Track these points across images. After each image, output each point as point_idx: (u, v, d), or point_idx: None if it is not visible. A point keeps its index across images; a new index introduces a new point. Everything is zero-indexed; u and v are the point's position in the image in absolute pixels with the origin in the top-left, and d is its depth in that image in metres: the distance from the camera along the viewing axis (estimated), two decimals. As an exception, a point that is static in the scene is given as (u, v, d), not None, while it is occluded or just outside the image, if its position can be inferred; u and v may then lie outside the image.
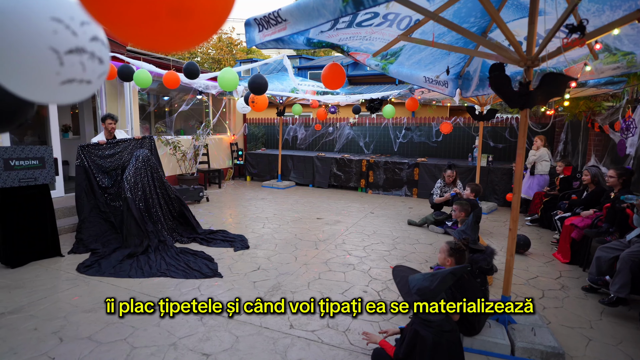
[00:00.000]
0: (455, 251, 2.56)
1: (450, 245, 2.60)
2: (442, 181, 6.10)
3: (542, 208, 5.89)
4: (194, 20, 0.64)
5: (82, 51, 0.82)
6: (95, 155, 4.98)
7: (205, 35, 0.71)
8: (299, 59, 22.27)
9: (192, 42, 0.70)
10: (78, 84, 0.84)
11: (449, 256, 2.57)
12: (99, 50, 0.86)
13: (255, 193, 8.67)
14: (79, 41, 0.81)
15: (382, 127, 10.25)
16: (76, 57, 0.81)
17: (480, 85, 4.73)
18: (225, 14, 0.70)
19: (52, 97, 0.85)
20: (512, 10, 3.24)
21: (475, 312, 2.56)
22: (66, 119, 8.80)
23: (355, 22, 2.97)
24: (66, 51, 0.79)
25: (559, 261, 4.45)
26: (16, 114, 1.13)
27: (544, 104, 2.72)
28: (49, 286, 3.54)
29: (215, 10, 0.67)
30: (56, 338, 2.69)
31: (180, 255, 4.27)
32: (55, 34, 0.77)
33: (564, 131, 7.88)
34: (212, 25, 0.69)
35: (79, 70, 0.83)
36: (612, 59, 3.02)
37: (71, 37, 0.80)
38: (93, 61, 0.85)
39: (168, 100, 9.11)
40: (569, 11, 2.18)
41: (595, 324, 3.02)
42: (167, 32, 0.65)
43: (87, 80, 0.86)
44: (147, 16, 0.61)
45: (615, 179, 4.12)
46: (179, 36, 0.67)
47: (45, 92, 0.82)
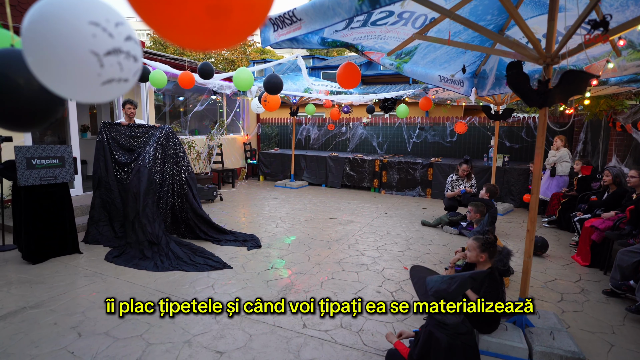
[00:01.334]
0: (488, 244, 2.52)
1: (481, 240, 2.56)
2: (455, 175, 6.02)
3: (560, 209, 5.75)
4: (232, 19, 0.65)
5: (118, 51, 0.84)
6: (116, 132, 5.05)
7: (244, 34, 0.71)
8: (312, 59, 22.31)
9: (230, 40, 0.71)
10: (117, 83, 0.86)
11: (482, 252, 2.53)
12: (133, 49, 0.88)
13: (268, 193, 8.71)
14: (115, 42, 0.83)
15: (396, 127, 10.18)
16: (114, 58, 0.84)
17: (496, 84, 4.64)
18: (263, 13, 0.70)
19: (94, 97, 0.88)
20: (531, 7, 3.17)
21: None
22: (85, 119, 9.01)
23: (370, 21, 2.95)
24: (105, 53, 0.82)
25: (578, 264, 4.34)
26: (49, 112, 1.17)
27: (563, 102, 2.65)
28: (68, 282, 3.62)
29: (253, 9, 0.67)
30: (75, 333, 2.75)
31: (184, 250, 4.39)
32: (94, 38, 0.80)
33: (584, 130, 7.67)
34: (250, 23, 0.70)
35: (117, 70, 0.85)
36: (636, 56, 2.92)
37: (108, 39, 0.82)
38: (129, 60, 0.87)
39: (183, 100, 9.24)
40: (592, 6, 2.12)
41: (617, 329, 2.93)
42: (206, 30, 0.66)
43: (125, 79, 0.88)
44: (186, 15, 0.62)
45: (637, 179, 3.99)
46: (218, 35, 0.67)
47: (88, 92, 0.85)
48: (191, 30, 0.67)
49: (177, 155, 4.99)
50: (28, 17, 0.80)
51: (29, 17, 0.80)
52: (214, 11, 0.63)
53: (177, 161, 4.98)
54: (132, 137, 5.08)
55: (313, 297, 3.35)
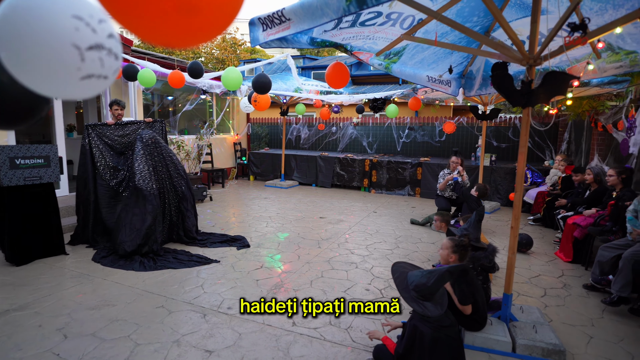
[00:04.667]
0: (460, 247, 2.56)
1: (455, 241, 2.60)
2: (447, 170, 6.10)
3: (545, 207, 5.88)
4: (201, 17, 0.66)
5: (101, 47, 0.84)
6: (103, 134, 4.79)
7: (213, 32, 0.73)
8: (302, 58, 22.29)
9: (200, 38, 0.72)
10: (96, 79, 0.86)
11: (453, 252, 2.58)
12: (115, 47, 0.89)
13: (259, 192, 8.70)
14: (98, 38, 0.84)
15: (386, 127, 10.26)
16: (96, 53, 0.84)
17: (483, 85, 4.73)
18: (233, 13, 0.72)
19: (71, 93, 0.88)
20: (515, 10, 3.24)
21: (484, 308, 2.59)
22: (71, 119, 8.87)
23: (358, 22, 2.98)
24: (87, 47, 0.82)
25: (561, 260, 4.45)
26: (34, 110, 1.16)
27: (546, 102, 2.72)
28: (53, 284, 3.58)
29: (222, 9, 0.69)
30: (60, 335, 2.72)
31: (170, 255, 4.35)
32: (77, 31, 0.80)
33: (567, 130, 7.85)
34: (219, 23, 0.71)
35: (98, 65, 0.85)
36: (615, 58, 3.01)
37: (91, 34, 0.82)
38: (110, 57, 0.87)
39: (172, 99, 9.16)
40: (571, 10, 2.18)
41: (596, 322, 3.02)
42: (175, 28, 0.67)
43: (105, 76, 0.88)
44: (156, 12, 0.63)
45: (616, 177, 4.11)
46: (187, 32, 0.69)
47: (65, 87, 0.85)
48: (160, 27, 0.68)
49: (167, 165, 4.80)
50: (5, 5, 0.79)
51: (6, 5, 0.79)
52: (183, 9, 0.64)
53: (172, 171, 4.82)
54: (121, 137, 4.85)
55: (311, 297, 3.37)
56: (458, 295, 2.48)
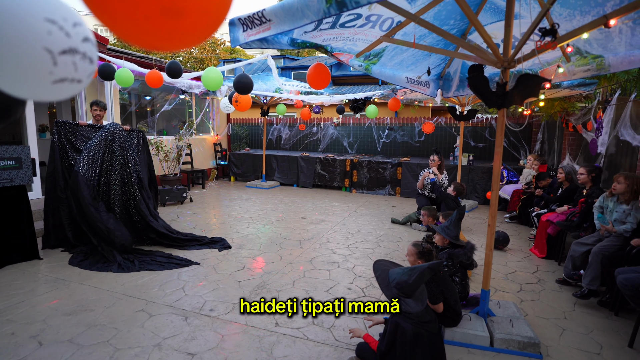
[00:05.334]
0: (424, 254, 2.63)
1: (418, 248, 2.66)
2: (428, 169, 6.23)
3: (520, 205, 6.08)
4: (187, 21, 0.67)
5: (74, 52, 0.83)
6: (72, 133, 4.61)
7: (200, 36, 0.73)
8: (282, 59, 22.24)
9: (186, 42, 0.73)
10: (69, 83, 0.85)
11: (419, 258, 2.64)
12: (89, 51, 0.88)
13: (240, 193, 8.63)
14: (72, 42, 0.83)
15: (366, 127, 10.36)
16: (69, 58, 0.83)
17: (460, 86, 4.84)
18: (220, 16, 0.72)
19: (43, 95, 0.86)
20: (490, 14, 3.34)
21: (456, 305, 2.65)
22: (43, 119, 8.56)
23: (338, 23, 3.01)
24: (60, 52, 0.81)
25: (535, 256, 4.61)
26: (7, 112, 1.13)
27: (520, 104, 2.82)
28: (26, 289, 3.45)
29: (208, 12, 0.69)
30: (35, 342, 2.63)
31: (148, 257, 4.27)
32: (50, 35, 0.79)
33: (541, 131, 8.15)
34: (206, 26, 0.72)
35: (71, 69, 0.84)
36: (583, 62, 3.15)
37: (64, 38, 0.81)
38: (84, 61, 0.86)
39: (150, 99, 8.97)
40: (541, 16, 2.28)
41: (569, 315, 3.16)
42: (161, 31, 0.67)
43: (78, 80, 0.87)
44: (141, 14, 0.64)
45: (586, 176, 4.30)
46: (174, 36, 0.69)
47: (37, 90, 0.84)
48: (147, 30, 0.69)
49: (127, 158, 4.59)
50: None
51: None
52: (169, 12, 0.65)
53: (125, 165, 4.59)
54: (90, 139, 4.64)
55: (296, 297, 3.38)
56: (427, 295, 2.54)
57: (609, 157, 5.11)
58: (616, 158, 4.98)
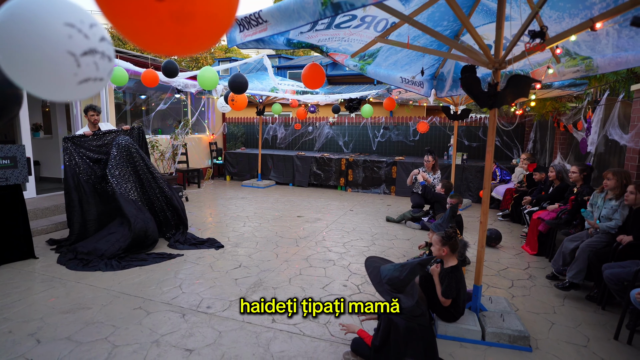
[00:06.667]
0: (448, 239, 2.69)
1: (441, 235, 2.72)
2: (422, 168, 6.32)
3: (513, 203, 6.17)
4: (196, 25, 0.71)
5: (94, 52, 0.88)
6: (83, 147, 4.73)
7: (209, 40, 0.77)
8: (278, 58, 22.23)
9: (196, 46, 0.77)
10: (93, 82, 0.90)
11: (443, 245, 2.70)
12: (107, 49, 0.92)
13: (235, 192, 8.65)
14: (91, 43, 0.87)
15: (361, 127, 10.42)
16: (90, 58, 0.87)
17: (453, 86, 4.92)
18: (227, 21, 0.77)
19: (70, 96, 0.91)
20: (482, 15, 3.41)
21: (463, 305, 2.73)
22: (37, 118, 8.50)
23: (334, 24, 3.06)
24: (81, 53, 0.85)
25: (527, 253, 4.70)
26: (3, 111, 1.16)
27: (511, 104, 2.89)
28: (23, 288, 3.46)
29: (216, 16, 0.73)
30: (33, 340, 2.65)
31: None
32: (70, 39, 0.83)
33: (533, 130, 8.26)
34: (214, 31, 0.76)
35: (94, 69, 0.89)
36: (572, 63, 3.23)
37: (84, 40, 0.86)
38: (104, 60, 0.91)
39: (145, 98, 8.96)
40: (531, 18, 2.34)
41: (558, 309, 3.24)
42: (171, 36, 0.71)
43: (100, 78, 0.92)
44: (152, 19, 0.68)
45: (578, 174, 4.40)
46: (183, 41, 0.73)
47: (64, 91, 0.88)
48: (156, 35, 0.73)
49: (149, 168, 4.89)
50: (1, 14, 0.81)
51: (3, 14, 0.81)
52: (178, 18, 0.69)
53: (152, 175, 4.89)
54: (100, 147, 4.85)
55: (311, 297, 3.42)
56: (444, 288, 2.61)
57: (599, 156, 5.22)
58: (605, 157, 5.08)
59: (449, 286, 2.62)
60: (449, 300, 2.66)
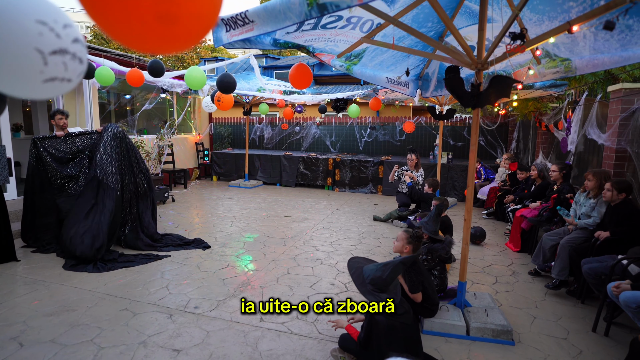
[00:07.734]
0: (415, 239, 2.72)
1: (409, 233, 2.76)
2: (406, 167, 6.41)
3: (496, 202, 6.31)
4: (180, 25, 0.72)
5: (65, 52, 0.87)
6: (53, 147, 4.57)
7: (192, 40, 0.79)
8: (265, 58, 22.15)
9: (179, 46, 0.78)
10: (59, 82, 0.89)
11: (408, 243, 2.73)
12: (79, 51, 0.92)
13: (222, 193, 8.60)
14: (62, 43, 0.87)
15: (348, 127, 10.48)
16: (59, 58, 0.87)
17: (438, 86, 5.00)
18: (210, 22, 0.78)
19: (34, 94, 0.90)
20: (465, 17, 3.48)
21: (434, 295, 2.77)
22: (17, 117, 8.29)
23: (320, 24, 3.08)
24: (50, 52, 0.85)
25: (510, 250, 4.81)
26: None
27: (493, 104, 2.96)
28: (5, 292, 3.39)
29: (200, 17, 0.75)
30: (16, 343, 2.60)
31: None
32: (41, 36, 0.83)
33: (516, 130, 8.44)
34: (198, 31, 0.77)
35: (61, 69, 0.88)
36: (552, 64, 3.33)
37: (55, 39, 0.85)
38: (74, 61, 0.90)
39: (130, 98, 8.83)
40: (511, 21, 2.41)
41: (539, 304, 3.33)
42: (156, 35, 0.72)
43: (68, 79, 0.91)
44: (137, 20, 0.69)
45: (558, 173, 4.53)
46: (167, 40, 0.74)
47: (28, 88, 0.87)
48: (142, 35, 0.74)
49: (136, 160, 4.74)
50: None
51: None
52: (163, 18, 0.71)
53: (134, 167, 4.70)
54: (71, 148, 4.65)
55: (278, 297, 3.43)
56: (408, 284, 2.63)
57: (578, 155, 5.37)
58: (584, 156, 5.24)
59: (411, 280, 2.61)
60: (418, 294, 2.64)
